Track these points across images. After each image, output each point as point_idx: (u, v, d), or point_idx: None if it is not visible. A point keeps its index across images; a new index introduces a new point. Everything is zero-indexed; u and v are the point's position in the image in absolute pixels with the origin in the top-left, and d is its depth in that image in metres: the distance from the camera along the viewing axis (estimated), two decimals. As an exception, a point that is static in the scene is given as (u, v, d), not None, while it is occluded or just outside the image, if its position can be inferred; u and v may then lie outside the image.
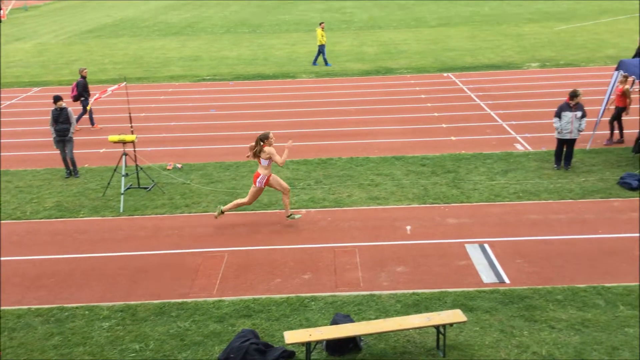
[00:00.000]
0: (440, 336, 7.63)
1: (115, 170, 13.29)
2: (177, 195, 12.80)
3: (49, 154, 15.72)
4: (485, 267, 9.58)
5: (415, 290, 8.99)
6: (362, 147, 15.39)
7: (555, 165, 13.49)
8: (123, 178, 12.55)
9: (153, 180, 13.40)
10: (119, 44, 33.53)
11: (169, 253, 10.42)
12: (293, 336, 7.32)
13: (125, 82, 14.49)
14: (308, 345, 7.34)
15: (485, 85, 21.27)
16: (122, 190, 12.42)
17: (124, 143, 12.60)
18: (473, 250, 10.10)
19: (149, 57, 29.19)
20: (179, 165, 14.50)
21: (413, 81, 22.47)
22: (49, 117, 13.88)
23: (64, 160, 14.09)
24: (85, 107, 17.54)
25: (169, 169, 14.34)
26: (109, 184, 13.19)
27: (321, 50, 25.73)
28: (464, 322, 7.62)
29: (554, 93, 19.78)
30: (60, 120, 13.71)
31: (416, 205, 11.87)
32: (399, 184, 12.91)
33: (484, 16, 38.44)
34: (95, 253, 10.51)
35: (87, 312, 8.77)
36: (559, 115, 13.09)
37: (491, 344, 7.73)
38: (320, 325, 8.18)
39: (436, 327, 7.61)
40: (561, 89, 20.11)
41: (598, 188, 12.33)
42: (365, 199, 12.22)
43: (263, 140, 10.65)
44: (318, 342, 7.63)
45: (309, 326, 8.20)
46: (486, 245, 10.24)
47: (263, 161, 10.73)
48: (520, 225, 10.92)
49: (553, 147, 13.93)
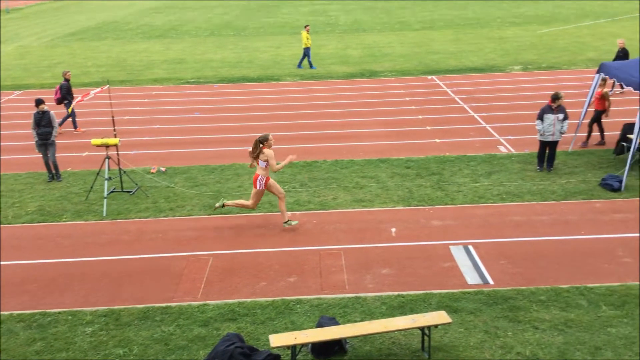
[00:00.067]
0: (425, 338, 7.66)
1: (98, 173, 13.18)
2: (161, 198, 12.73)
3: (31, 158, 15.54)
4: (469, 269, 9.64)
5: (400, 292, 9.02)
6: (347, 150, 15.42)
7: (538, 167, 13.61)
8: (106, 182, 12.45)
9: (136, 184, 13.31)
10: (102, 46, 33.28)
11: (153, 257, 10.34)
12: (278, 339, 7.30)
13: (108, 85, 14.38)
14: (293, 348, 7.33)
15: (469, 88, 21.42)
16: (105, 194, 12.32)
17: (107, 146, 12.51)
18: (457, 252, 10.16)
19: (132, 60, 29.02)
20: (163, 169, 14.41)
21: (397, 84, 22.56)
22: (31, 121, 13.74)
23: (47, 164, 13.95)
24: (72, 110, 17.39)
25: (152, 172, 14.25)
26: (91, 187, 13.08)
27: (306, 53, 25.75)
28: (448, 324, 7.66)
29: (536, 96, 19.99)
30: (43, 123, 13.57)
31: (401, 208, 11.91)
32: (384, 187, 12.95)
33: (467, 19, 38.74)
34: (78, 257, 10.41)
35: (70, 317, 8.68)
36: (541, 117, 13.22)
37: (476, 345, 7.77)
38: (305, 328, 8.17)
39: (421, 329, 7.64)
40: (543, 91, 20.33)
41: (580, 189, 12.46)
42: (350, 202, 12.24)
43: (262, 142, 10.64)
44: (303, 345, 7.62)
45: (294, 329, 8.18)
46: (470, 247, 10.30)
47: (261, 163, 10.71)
48: (504, 226, 11.01)
49: (536, 149, 14.07)
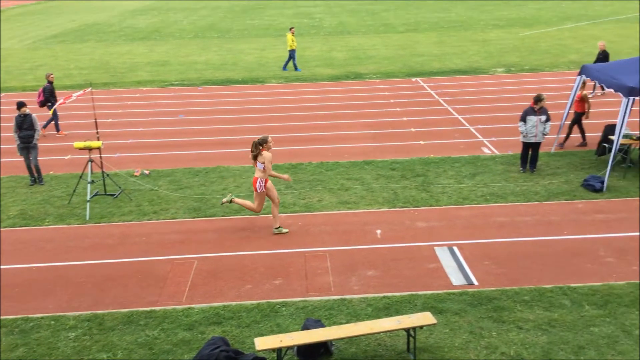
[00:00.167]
0: (411, 339, 7.68)
1: (81, 177, 13.06)
2: (145, 201, 12.64)
3: (12, 161, 15.36)
4: (454, 270, 9.69)
5: (385, 294, 9.04)
6: (332, 152, 15.43)
7: (521, 168, 13.73)
8: (89, 185, 12.34)
9: (120, 187, 13.21)
10: (85, 49, 33.01)
11: (136, 261, 10.26)
12: (264, 342, 7.28)
13: (90, 88, 14.27)
14: (279, 351, 7.31)
15: (453, 90, 21.55)
16: (88, 197, 12.21)
17: (90, 149, 12.39)
18: (442, 253, 10.21)
19: (115, 62, 28.81)
20: (147, 172, 14.32)
21: (382, 86, 22.64)
22: (13, 124, 13.58)
23: (29, 168, 13.79)
24: (55, 113, 17.25)
25: (136, 175, 14.15)
26: (74, 191, 12.96)
27: (292, 55, 25.74)
28: (433, 325, 7.69)
29: (519, 97, 20.16)
30: (25, 126, 13.42)
31: (386, 209, 11.94)
32: (369, 188, 12.97)
33: (450, 22, 38.99)
34: (60, 262, 10.30)
35: (53, 322, 8.58)
36: (524, 119, 13.34)
37: (461, 346, 7.81)
38: (291, 331, 8.15)
39: (406, 330, 7.66)
40: (526, 93, 20.51)
41: (563, 190, 12.59)
42: (335, 204, 12.25)
43: (262, 144, 10.59)
44: (289, 348, 7.60)
45: (279, 332, 8.17)
46: (455, 248, 10.35)
47: (259, 165, 10.65)
48: (488, 227, 11.08)
49: (519, 151, 14.19)
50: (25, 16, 50.75)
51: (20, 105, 13.48)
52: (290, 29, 25.94)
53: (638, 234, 10.67)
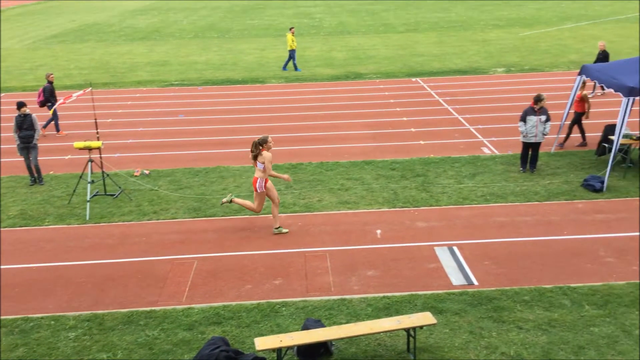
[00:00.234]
0: (411, 339, 7.68)
1: (81, 177, 13.06)
2: (145, 202, 12.64)
3: (12, 161, 15.36)
4: (454, 270, 9.69)
5: (385, 294, 9.04)
6: (332, 152, 15.43)
7: (521, 168, 13.73)
8: (89, 185, 12.34)
9: (120, 187, 13.21)
10: (85, 49, 33.01)
11: (136, 261, 10.27)
12: (264, 342, 7.28)
13: (90, 88, 14.27)
14: (279, 351, 7.31)
15: (453, 90, 21.55)
16: (88, 197, 12.21)
17: (90, 149, 12.39)
18: (442, 253, 10.21)
19: (115, 62, 28.81)
20: (147, 172, 14.32)
21: (382, 86, 22.64)
22: (13, 124, 13.58)
23: (29, 168, 13.80)
24: (55, 113, 17.27)
25: (136, 175, 14.15)
26: (74, 191, 12.96)
27: (292, 55, 25.74)
28: (433, 325, 7.69)
29: (519, 97, 20.16)
30: (25, 126, 13.43)
31: (386, 209, 11.94)
32: (369, 188, 12.97)
33: (450, 22, 38.99)
34: (60, 262, 10.30)
35: (53, 322, 8.58)
36: (524, 119, 13.34)
37: (461, 346, 7.81)
38: (291, 331, 8.16)
39: (406, 330, 7.66)
40: (526, 93, 20.51)
41: (563, 190, 12.59)
42: (335, 204, 12.25)
43: (262, 144, 10.58)
44: (289, 348, 7.61)
45: (279, 332, 8.17)
46: (455, 248, 10.36)
47: (259, 165, 10.63)
48: (488, 227, 11.08)
49: (519, 151, 14.19)
50: (25, 16, 50.76)
51: (20, 105, 13.48)
52: (290, 29, 25.93)
53: (638, 234, 10.67)
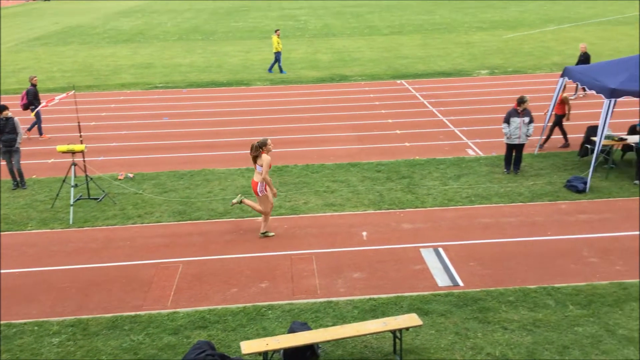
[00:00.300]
0: (397, 340, 7.69)
1: (64, 181, 12.93)
2: (129, 205, 12.54)
3: (-7, 165, 15.18)
4: (439, 271, 9.72)
5: (371, 296, 9.05)
6: (318, 154, 15.43)
7: (505, 170, 13.83)
8: (72, 189, 12.23)
9: (104, 191, 13.10)
10: (68, 51, 32.72)
11: (121, 265, 10.18)
12: (249, 346, 7.25)
13: (74, 91, 14.14)
14: (265, 354, 7.29)
15: (438, 92, 21.67)
16: (72, 201, 12.09)
17: (73, 153, 12.28)
18: (428, 255, 10.24)
19: (99, 65, 28.59)
20: (131, 175, 14.21)
21: (367, 88, 22.69)
22: (-6, 127, 13.42)
23: (11, 172, 13.64)
24: (38, 116, 17.13)
25: (120, 179, 14.04)
26: (57, 195, 12.83)
27: (277, 57, 25.72)
28: (419, 326, 7.71)
29: (502, 99, 20.32)
30: (7, 130, 13.28)
31: (372, 211, 11.96)
32: (355, 191, 12.99)
33: (435, 25, 39.22)
34: (44, 267, 10.18)
35: (37, 328, 8.48)
36: (507, 121, 13.44)
37: (446, 347, 7.84)
38: (277, 334, 8.14)
39: (392, 332, 7.67)
40: (509, 95, 20.68)
41: (546, 191, 12.70)
42: (321, 206, 12.25)
43: (262, 147, 10.54)
44: (275, 352, 7.58)
45: (266, 335, 8.14)
46: (440, 249, 10.40)
47: (259, 167, 10.58)
48: (473, 228, 11.14)
49: (503, 152, 14.29)
50: (7, 18, 50.20)
51: (2, 108, 13.33)
52: (275, 31, 25.91)
53: (621, 234, 10.79)
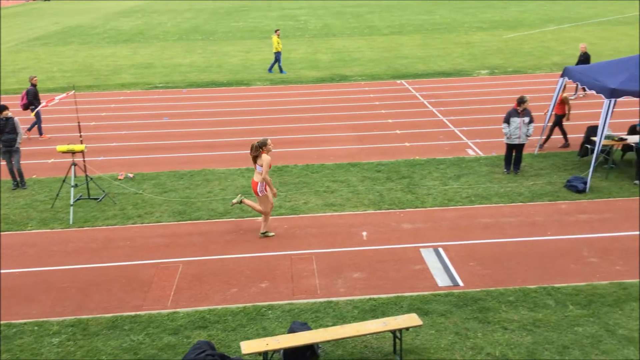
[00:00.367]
0: (397, 340, 7.69)
1: (64, 181, 12.94)
2: (129, 205, 12.54)
3: (-7, 165, 15.18)
4: (439, 271, 9.72)
5: (371, 296, 9.05)
6: (318, 154, 15.43)
7: (505, 170, 13.83)
8: (72, 189, 12.23)
9: (104, 191, 13.10)
10: (68, 51, 32.72)
11: (121, 265, 10.18)
12: (249, 346, 7.25)
13: (74, 91, 14.15)
14: (265, 354, 7.29)
15: (438, 92, 21.67)
16: (72, 201, 12.09)
17: (73, 153, 12.28)
18: (428, 255, 10.24)
19: (99, 65, 28.59)
20: (131, 175, 14.21)
21: (367, 88, 22.69)
22: (-6, 127, 13.42)
23: (11, 172, 13.64)
24: (38, 115, 17.15)
25: (120, 179, 14.05)
26: (57, 195, 12.83)
27: (277, 57, 25.72)
28: (419, 326, 7.71)
29: (502, 99, 20.32)
30: (7, 130, 13.28)
31: (372, 211, 11.96)
32: (355, 191, 12.99)
33: (434, 25, 39.21)
34: (44, 267, 10.18)
35: (37, 328, 8.48)
36: (507, 121, 13.44)
37: (446, 347, 7.84)
38: (277, 334, 8.14)
39: (392, 332, 7.67)
40: (509, 95, 20.68)
41: (546, 191, 12.70)
42: (321, 206, 12.25)
43: (261, 146, 10.55)
44: (275, 352, 7.58)
45: (266, 335, 8.14)
46: (440, 249, 10.40)
47: (259, 167, 10.59)
48: (473, 228, 11.14)
49: (503, 152, 14.29)
50: (7, 18, 50.20)
51: (2, 108, 13.33)
52: (275, 31, 25.91)
53: (620, 234, 10.79)
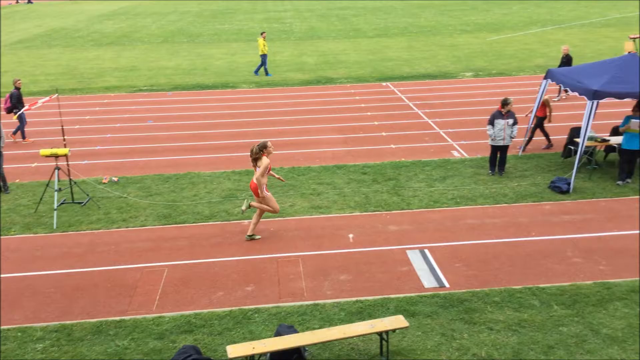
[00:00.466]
0: (384, 342, 7.70)
1: (47, 185, 12.81)
2: (114, 209, 12.45)
3: (-25, 170, 14.98)
4: (426, 272, 9.76)
5: (358, 298, 9.05)
6: (304, 157, 15.43)
7: (490, 171, 13.92)
8: (56, 193, 12.11)
9: (88, 195, 12.99)
10: (51, 54, 32.44)
11: (105, 269, 10.10)
12: (236, 350, 7.22)
13: (57, 94, 14.03)
14: (251, 358, 7.26)
15: (423, 94, 21.76)
16: (55, 205, 11.98)
17: (57, 157, 12.16)
18: (414, 256, 10.28)
19: (83, 68, 28.37)
20: (115, 179, 14.11)
21: (353, 90, 22.74)
22: (-25, 131, 13.26)
23: (-7, 176, 13.49)
24: (21, 119, 16.98)
25: (104, 183, 13.94)
26: (41, 199, 12.70)
27: (264, 60, 25.70)
28: (406, 328, 7.73)
29: (487, 101, 20.46)
30: (-12, 134, 13.13)
31: (358, 213, 11.98)
32: (341, 193, 13.00)
33: (419, 27, 39.41)
34: (27, 272, 10.07)
35: (20, 334, 8.38)
36: (492, 122, 13.54)
37: (433, 348, 7.86)
38: (264, 338, 8.11)
39: (379, 334, 7.68)
40: (494, 97, 20.83)
41: (530, 192, 12.80)
42: (307, 208, 12.24)
43: (262, 149, 10.56)
44: (262, 355, 7.55)
45: (252, 339, 8.12)
46: (426, 251, 10.44)
47: (259, 169, 10.58)
48: (459, 230, 11.19)
49: (487, 154, 14.38)
50: (-12, 21, 49.64)
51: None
52: (261, 34, 25.89)
53: (604, 234, 10.91)
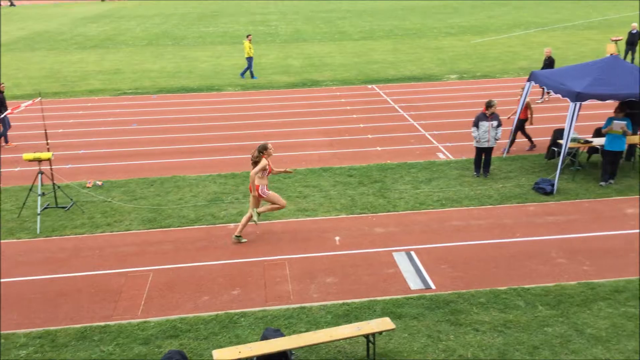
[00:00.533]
0: (370, 345, 7.70)
1: (31, 189, 12.67)
2: (98, 213, 12.34)
3: (-43, 174, 14.79)
4: (412, 274, 9.78)
5: (345, 301, 9.05)
6: (290, 159, 15.41)
7: (475, 173, 14.00)
8: (39, 197, 11.99)
9: (71, 199, 12.87)
10: (34, 57, 32.12)
11: (90, 274, 10.00)
12: (222, 354, 7.18)
13: (40, 97, 13.89)
14: (238, 362, 7.22)
15: (408, 97, 21.85)
16: (39, 210, 11.85)
17: (40, 161, 12.04)
18: (400, 258, 10.30)
19: (66, 71, 28.13)
20: (100, 183, 13.99)
21: (338, 93, 22.77)
22: (-44, 135, 13.10)
23: (-26, 181, 13.33)
24: (4, 123, 16.79)
25: (88, 187, 13.82)
26: (24, 204, 12.56)
27: (250, 62, 25.66)
28: (392, 330, 7.73)
29: (471, 103, 20.59)
30: (-31, 138, 12.97)
31: (344, 216, 11.98)
32: (327, 195, 13.00)
33: (405, 30, 39.58)
34: (10, 277, 9.94)
35: (3, 341, 8.27)
36: (476, 124, 13.62)
37: (419, 350, 7.88)
38: (250, 342, 8.08)
39: (366, 336, 7.68)
40: (478, 99, 20.97)
41: (515, 194, 12.89)
42: (293, 211, 12.22)
43: (262, 151, 10.53)
44: (248, 359, 7.52)
45: (238, 343, 8.08)
46: (413, 253, 10.46)
47: (256, 168, 10.53)
48: (444, 231, 11.24)
49: (472, 156, 14.47)
50: (-30, 24, 49.07)
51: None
52: (247, 36, 25.86)
53: (588, 234, 11.01)
